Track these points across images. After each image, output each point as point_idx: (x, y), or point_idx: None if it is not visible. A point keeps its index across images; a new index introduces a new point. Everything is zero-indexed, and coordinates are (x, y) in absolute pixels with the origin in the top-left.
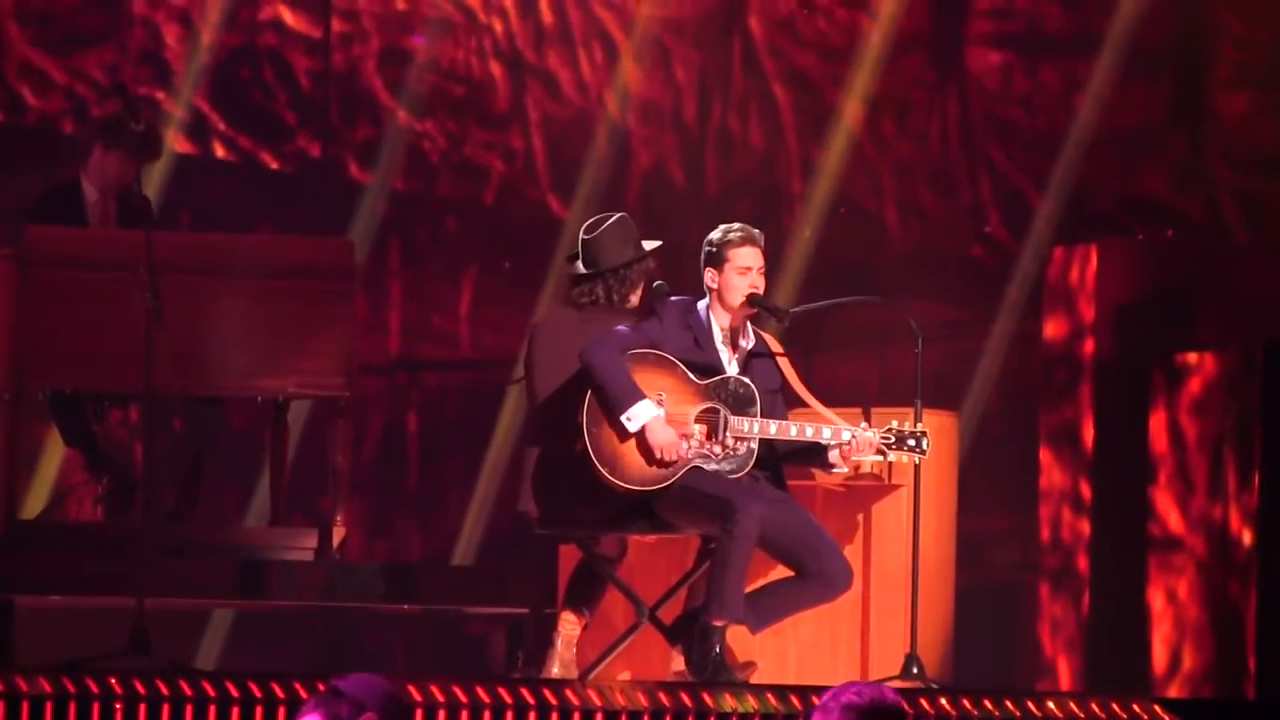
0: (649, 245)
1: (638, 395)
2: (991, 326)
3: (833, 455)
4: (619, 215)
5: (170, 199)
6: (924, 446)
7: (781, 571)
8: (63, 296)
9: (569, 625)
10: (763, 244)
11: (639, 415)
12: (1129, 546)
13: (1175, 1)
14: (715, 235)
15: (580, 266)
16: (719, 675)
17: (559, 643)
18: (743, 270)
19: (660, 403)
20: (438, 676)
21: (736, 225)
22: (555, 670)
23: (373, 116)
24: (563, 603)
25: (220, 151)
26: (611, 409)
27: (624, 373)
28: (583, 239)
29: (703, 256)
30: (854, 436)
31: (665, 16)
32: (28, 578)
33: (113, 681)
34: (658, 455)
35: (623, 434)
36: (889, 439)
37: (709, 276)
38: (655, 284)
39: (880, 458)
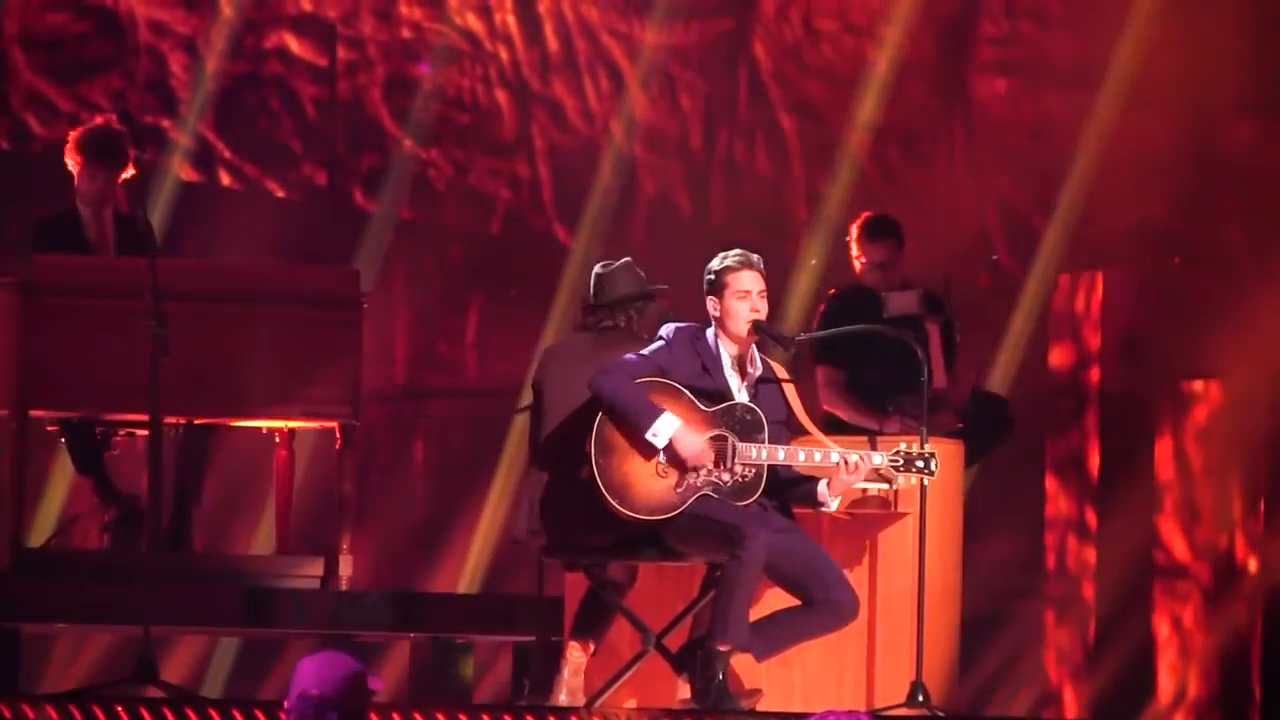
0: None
1: (658, 410)
2: (997, 354)
3: (820, 494)
4: (625, 260)
5: (175, 227)
6: (932, 468)
7: (789, 600)
8: (68, 324)
9: (576, 652)
10: (762, 268)
11: (664, 429)
12: (1135, 574)
13: (1181, 29)
14: (714, 263)
15: (602, 296)
16: (722, 702)
17: (566, 670)
18: (742, 295)
19: None
20: (443, 704)
21: (735, 251)
22: (563, 697)
23: (379, 144)
24: (570, 630)
25: (226, 179)
26: (634, 429)
27: (639, 393)
28: (598, 274)
29: (705, 285)
30: (859, 460)
31: (671, 45)
32: (34, 606)
33: (119, 709)
34: (690, 464)
35: (647, 451)
36: (897, 461)
37: (711, 304)
38: (661, 313)
39: (887, 484)
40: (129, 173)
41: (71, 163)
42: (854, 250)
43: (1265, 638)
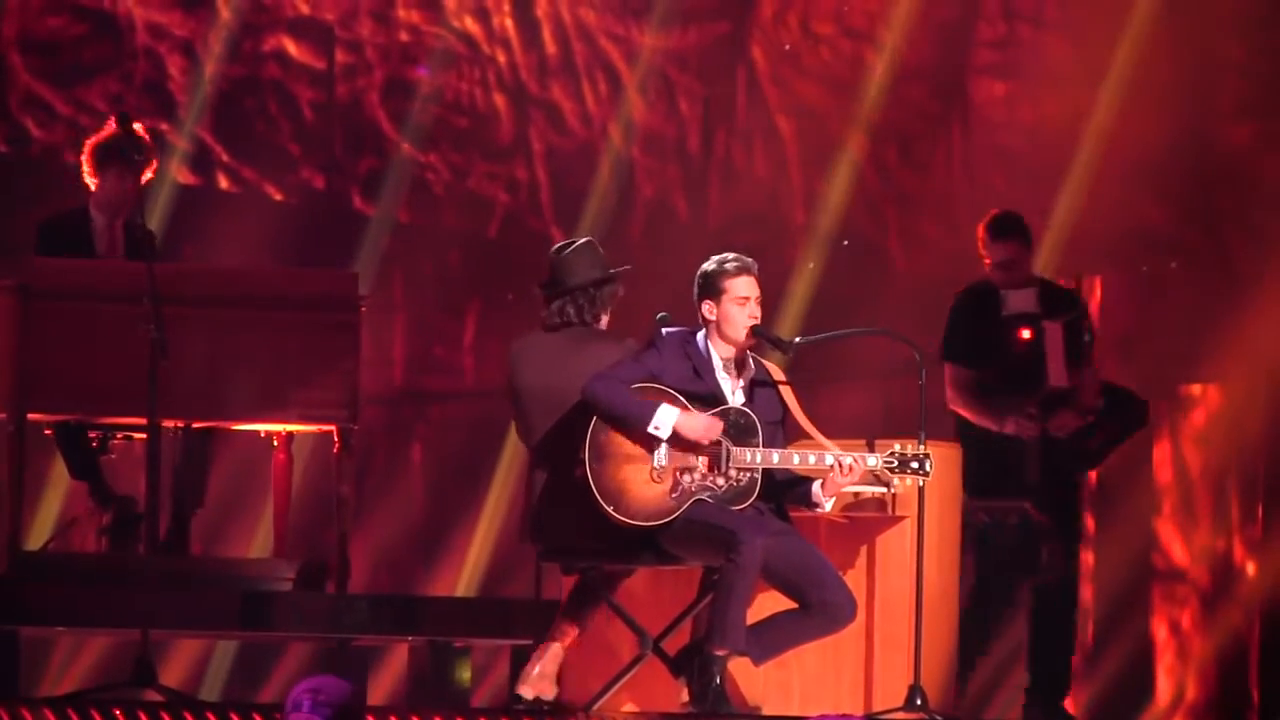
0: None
1: (653, 405)
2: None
3: (815, 494)
4: (586, 239)
5: (173, 230)
6: (927, 468)
7: (786, 603)
8: (67, 327)
9: (560, 635)
10: (757, 272)
11: (664, 420)
12: (1133, 578)
13: (1178, 33)
14: (710, 266)
15: (550, 287)
16: (720, 706)
17: (547, 652)
18: (740, 301)
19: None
20: (441, 708)
21: (731, 255)
22: (534, 673)
23: (376, 148)
24: (560, 613)
25: (223, 183)
26: (635, 428)
27: (632, 395)
28: (550, 260)
29: (696, 287)
30: (854, 462)
31: (669, 48)
32: (32, 609)
33: (117, 713)
34: (704, 443)
35: (649, 447)
36: (891, 463)
37: (706, 308)
38: (659, 315)
39: (884, 488)
40: (149, 174)
41: (90, 169)
42: (980, 249)
43: (1263, 641)
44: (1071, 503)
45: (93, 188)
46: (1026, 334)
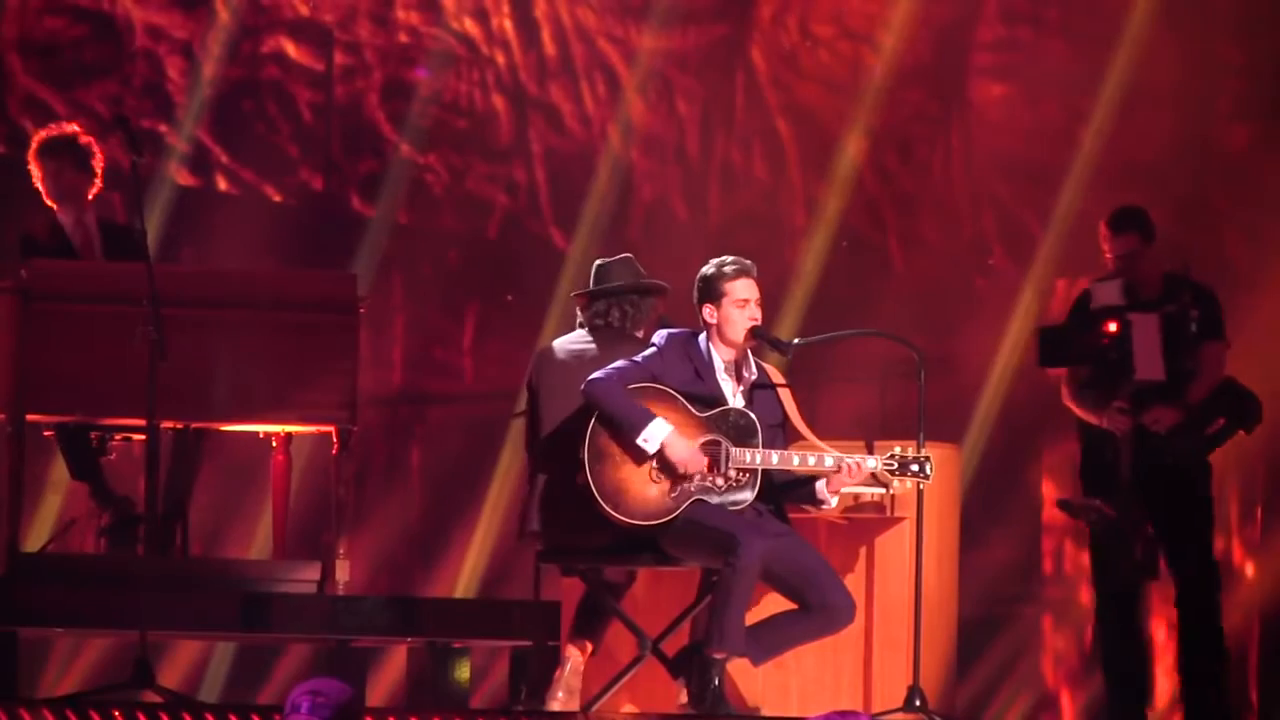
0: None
1: (649, 416)
2: (994, 359)
3: (820, 491)
4: (626, 254)
5: (172, 232)
6: (927, 471)
7: (785, 604)
8: (65, 329)
9: (575, 652)
10: (756, 274)
11: (655, 435)
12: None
13: (1177, 34)
14: (709, 270)
15: (595, 289)
16: (718, 707)
17: (566, 668)
18: (740, 303)
19: None
20: (441, 709)
21: (730, 258)
22: (560, 695)
23: (375, 149)
24: (569, 630)
25: (222, 184)
26: (625, 435)
27: (631, 399)
28: (597, 266)
29: (696, 291)
30: (854, 463)
31: (668, 49)
32: (31, 610)
33: (116, 714)
34: (680, 470)
35: (639, 457)
36: (891, 465)
37: (707, 312)
38: (659, 317)
39: (884, 490)
40: (97, 177)
41: (34, 165)
42: (1102, 244)
43: (1262, 642)
44: (1178, 499)
45: (38, 185)
46: (1112, 327)
